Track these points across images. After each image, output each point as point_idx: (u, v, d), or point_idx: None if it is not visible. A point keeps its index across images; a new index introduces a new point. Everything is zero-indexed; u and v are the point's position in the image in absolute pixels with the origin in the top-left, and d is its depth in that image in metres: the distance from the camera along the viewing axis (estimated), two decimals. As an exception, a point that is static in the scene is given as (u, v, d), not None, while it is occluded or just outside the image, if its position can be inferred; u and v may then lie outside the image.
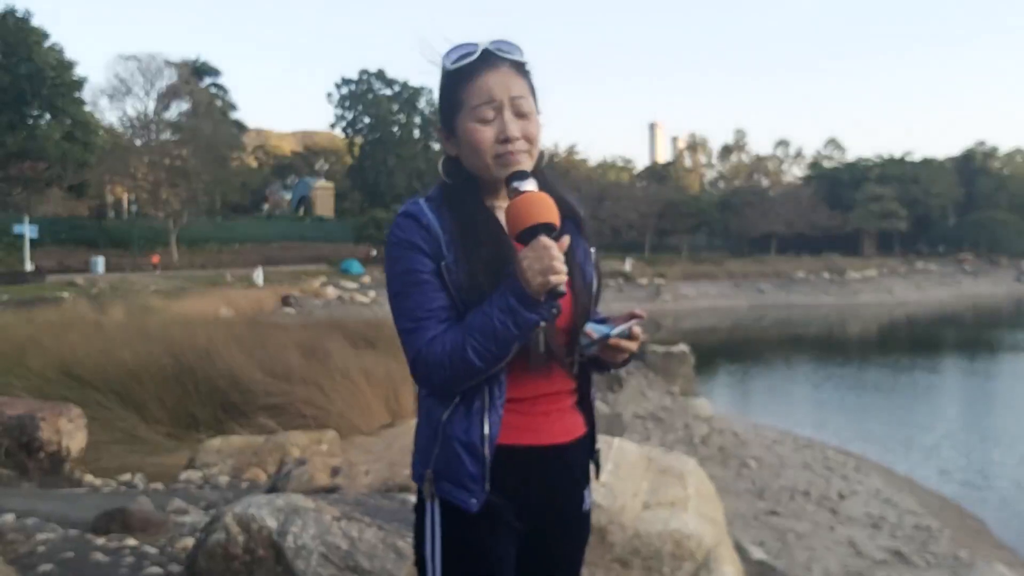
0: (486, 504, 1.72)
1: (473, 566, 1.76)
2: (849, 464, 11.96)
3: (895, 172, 74.35)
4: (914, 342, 32.77)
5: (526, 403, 1.77)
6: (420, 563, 1.81)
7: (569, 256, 1.78)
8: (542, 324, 1.65)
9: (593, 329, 1.75)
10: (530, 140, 1.77)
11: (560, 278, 1.62)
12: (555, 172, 1.95)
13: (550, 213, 1.66)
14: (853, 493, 10.34)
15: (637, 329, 1.75)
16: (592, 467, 1.92)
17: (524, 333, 1.64)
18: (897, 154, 79.35)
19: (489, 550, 1.75)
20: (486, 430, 1.71)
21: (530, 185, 1.70)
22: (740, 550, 5.89)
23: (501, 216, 1.77)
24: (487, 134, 1.75)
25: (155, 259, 46.41)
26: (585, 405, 1.89)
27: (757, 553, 6.39)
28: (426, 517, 1.78)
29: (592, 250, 1.91)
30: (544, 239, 1.63)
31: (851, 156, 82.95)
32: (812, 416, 17.03)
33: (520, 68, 1.80)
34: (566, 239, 1.68)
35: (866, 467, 11.97)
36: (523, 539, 1.82)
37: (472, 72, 1.76)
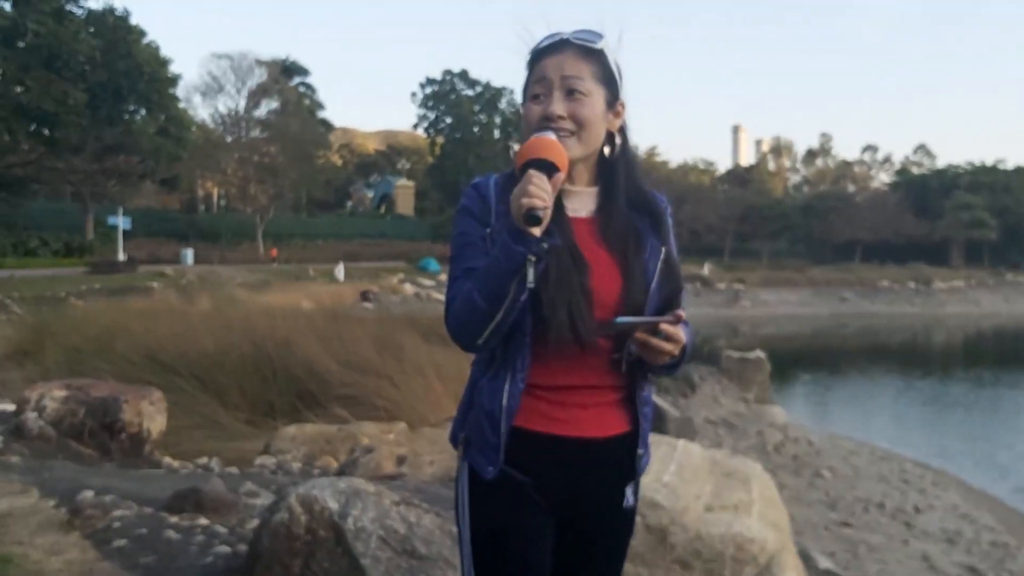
0: (502, 474, 1.76)
1: (492, 530, 1.80)
2: (927, 478, 11.64)
3: (986, 180, 71.92)
4: (1000, 356, 31.66)
5: (561, 392, 1.79)
6: (456, 522, 1.87)
7: (633, 248, 1.82)
8: (530, 258, 1.63)
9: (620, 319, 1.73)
10: (579, 121, 1.78)
11: (532, 201, 1.61)
12: (637, 163, 1.96)
13: (546, 151, 1.68)
14: (930, 507, 10.07)
15: (668, 328, 1.71)
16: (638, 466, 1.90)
17: (513, 266, 1.64)
18: (989, 161, 76.80)
19: (509, 517, 1.78)
20: (504, 402, 1.75)
21: (543, 135, 1.73)
22: (807, 559, 5.81)
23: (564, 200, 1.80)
24: (535, 111, 1.80)
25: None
26: (632, 402, 1.87)
27: (824, 562, 6.29)
28: (459, 479, 1.85)
29: (663, 250, 1.88)
30: (530, 171, 1.65)
31: (941, 163, 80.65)
32: (891, 428, 16.60)
33: (587, 52, 1.81)
34: (561, 176, 1.69)
35: (944, 481, 11.63)
36: (560, 531, 1.84)
37: (539, 56, 1.83)
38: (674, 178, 76.24)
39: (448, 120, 71.13)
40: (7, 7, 32.43)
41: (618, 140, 1.88)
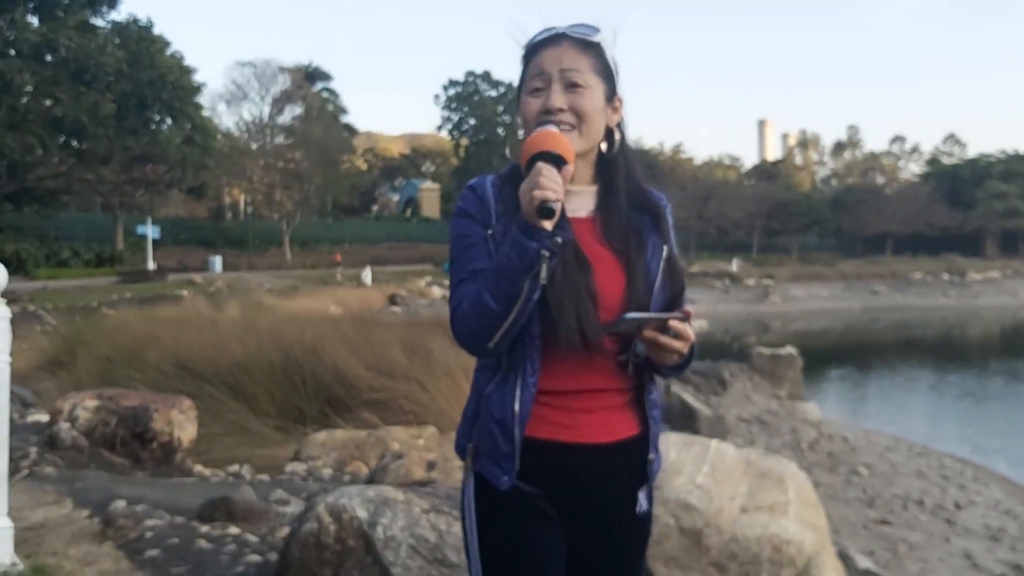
0: (515, 486, 1.71)
1: (505, 543, 1.74)
2: (967, 473, 11.44)
3: (1020, 168, 70.87)
4: (1040, 347, 31.17)
5: (565, 397, 1.74)
6: (464, 538, 1.82)
7: (635, 247, 1.77)
8: (544, 254, 1.59)
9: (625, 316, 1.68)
10: (579, 114, 1.75)
11: (544, 194, 1.57)
12: (636, 161, 1.89)
13: (553, 144, 1.64)
14: (971, 503, 9.89)
15: (677, 324, 1.66)
16: (649, 470, 1.84)
17: (526, 264, 1.60)
18: (1022, 149, 75.69)
19: (519, 529, 1.73)
20: (516, 408, 1.70)
21: (546, 128, 1.69)
22: (846, 559, 5.70)
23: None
24: (534, 106, 1.76)
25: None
26: (640, 405, 1.82)
27: (864, 562, 6.18)
28: (465, 492, 1.79)
29: (665, 248, 1.82)
30: (539, 164, 1.61)
31: (972, 152, 79.58)
32: (928, 423, 16.37)
33: (585, 45, 1.78)
34: (570, 168, 1.65)
35: (985, 477, 11.43)
36: (573, 539, 1.78)
37: (536, 50, 1.80)
38: (700, 175, 75.93)
39: (472, 122, 71.23)
40: (35, 23, 32.87)
41: (617, 136, 1.84)
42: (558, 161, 1.62)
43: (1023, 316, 44.33)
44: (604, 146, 1.82)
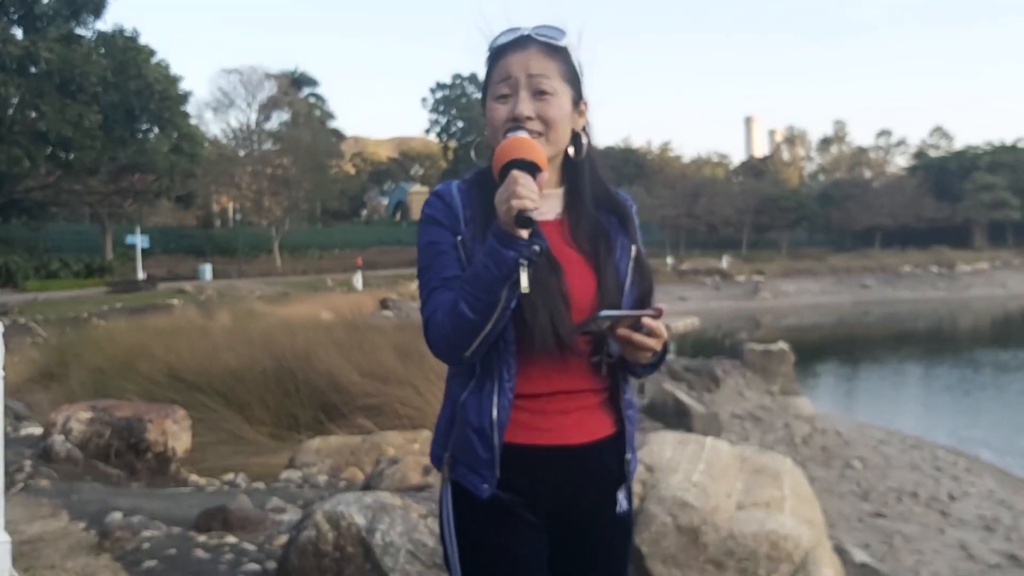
0: (495, 494, 1.70)
1: (486, 554, 1.73)
2: (960, 464, 11.50)
3: (1007, 159, 71.12)
4: (1030, 337, 31.29)
5: (541, 400, 1.73)
6: (444, 551, 1.81)
7: (604, 249, 1.77)
8: (522, 262, 1.58)
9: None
10: (546, 121, 1.73)
11: (522, 203, 1.56)
12: (601, 163, 1.89)
13: (527, 151, 1.63)
14: (964, 495, 9.94)
15: (651, 322, 1.66)
16: (627, 470, 1.84)
17: (504, 273, 1.59)
18: (1008, 140, 75.98)
19: (500, 539, 1.73)
20: (494, 415, 1.69)
21: (518, 135, 1.68)
22: (842, 553, 5.73)
23: None
24: (501, 112, 1.75)
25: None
26: (616, 404, 1.82)
27: (860, 556, 6.21)
28: (442, 504, 1.78)
29: (633, 247, 1.83)
30: (514, 171, 1.60)
31: (959, 144, 79.85)
32: (920, 415, 16.44)
33: (552, 50, 1.76)
34: (545, 175, 1.64)
35: (978, 468, 11.49)
36: (555, 543, 1.78)
37: (502, 53, 1.78)
38: (689, 173, 76.05)
39: (460, 124, 71.23)
40: (19, 35, 32.72)
41: (584, 140, 1.83)
42: (532, 168, 1.61)
43: (1013, 307, 44.52)
44: (571, 150, 1.82)
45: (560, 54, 1.77)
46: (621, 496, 1.84)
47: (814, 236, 73.26)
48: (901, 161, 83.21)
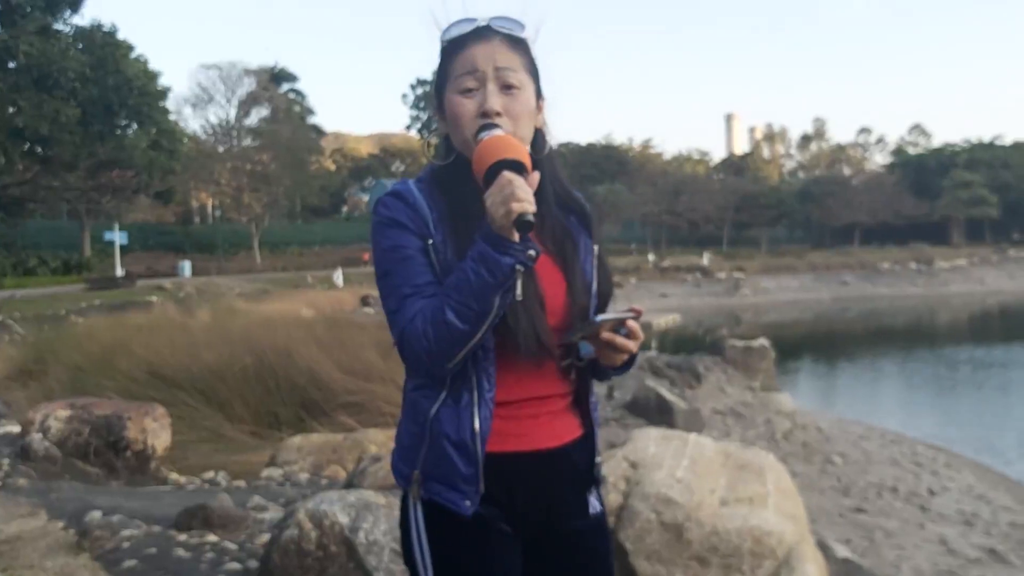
0: (476, 511, 1.64)
1: (467, 573, 1.67)
2: (940, 460, 11.58)
3: (984, 157, 71.84)
4: (1007, 333, 31.56)
5: (512, 406, 1.68)
6: (411, 570, 1.73)
7: (570, 250, 1.73)
8: (519, 268, 1.53)
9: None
10: (513, 117, 1.67)
11: (523, 206, 1.50)
12: (558, 163, 1.83)
13: (514, 151, 1.56)
14: (944, 490, 10.00)
15: (633, 324, 1.64)
16: (596, 473, 1.82)
17: (500, 281, 1.53)
18: (986, 138, 76.74)
19: (483, 555, 1.67)
20: (476, 426, 1.63)
21: (496, 133, 1.61)
22: (824, 548, 5.74)
23: None
24: (468, 107, 1.67)
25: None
26: (582, 407, 1.80)
27: (842, 551, 6.22)
28: (410, 523, 1.70)
29: (596, 248, 1.80)
30: (505, 173, 1.53)
31: (937, 142, 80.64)
32: (900, 411, 16.55)
33: (515, 43, 1.71)
34: (535, 175, 1.58)
35: (958, 463, 11.57)
36: (531, 552, 1.74)
37: (462, 44, 1.70)
38: (670, 169, 76.26)
39: (441, 120, 71.18)
40: (-3, 29, 32.42)
41: (547, 138, 1.79)
42: (521, 168, 1.55)
43: (991, 303, 44.97)
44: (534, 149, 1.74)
45: (522, 46, 1.72)
46: (592, 498, 1.81)
47: (794, 233, 73.73)
48: (880, 158, 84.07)
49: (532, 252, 1.55)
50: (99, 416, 6.41)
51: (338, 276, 39.92)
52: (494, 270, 1.53)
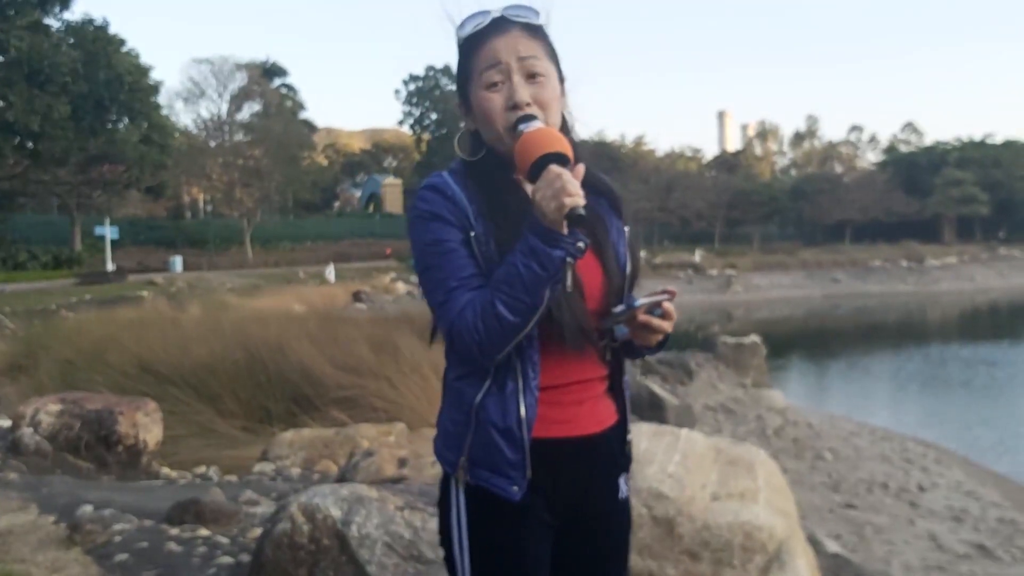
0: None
1: (503, 557, 1.69)
2: (929, 456, 11.63)
3: (975, 155, 72.02)
4: (997, 330, 31.71)
5: (557, 391, 1.70)
6: (448, 556, 1.75)
7: (602, 233, 1.74)
8: (569, 260, 1.55)
9: (619, 307, 1.68)
10: (542, 105, 1.68)
11: (574, 200, 1.51)
12: (584, 148, 1.83)
13: (558, 143, 1.58)
14: (934, 486, 10.05)
15: (669, 306, 1.67)
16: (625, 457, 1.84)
17: (551, 273, 1.54)
18: (977, 136, 76.94)
19: (521, 542, 1.69)
20: (523, 413, 1.64)
21: (536, 125, 1.62)
22: (815, 543, 5.77)
23: (528, 191, 1.67)
24: (496, 101, 1.68)
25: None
26: (617, 391, 1.82)
27: (832, 546, 6.26)
28: (451, 506, 1.72)
29: (626, 229, 1.82)
30: (553, 167, 1.54)
31: (929, 140, 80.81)
32: (890, 407, 16.62)
33: (534, 30, 1.72)
34: (581, 167, 1.59)
35: (947, 459, 11.63)
36: (560, 535, 1.75)
37: (482, 38, 1.71)
38: (662, 166, 76.25)
39: (434, 116, 71.03)
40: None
41: (571, 123, 1.80)
42: (565, 161, 1.56)
43: (981, 301, 45.15)
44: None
45: (540, 33, 1.73)
46: (622, 482, 1.83)
47: (785, 230, 73.81)
48: (871, 156, 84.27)
49: (581, 244, 1.56)
50: (90, 410, 6.41)
51: (330, 272, 39.87)
52: (545, 263, 1.54)
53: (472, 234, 1.65)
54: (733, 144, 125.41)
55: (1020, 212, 73.17)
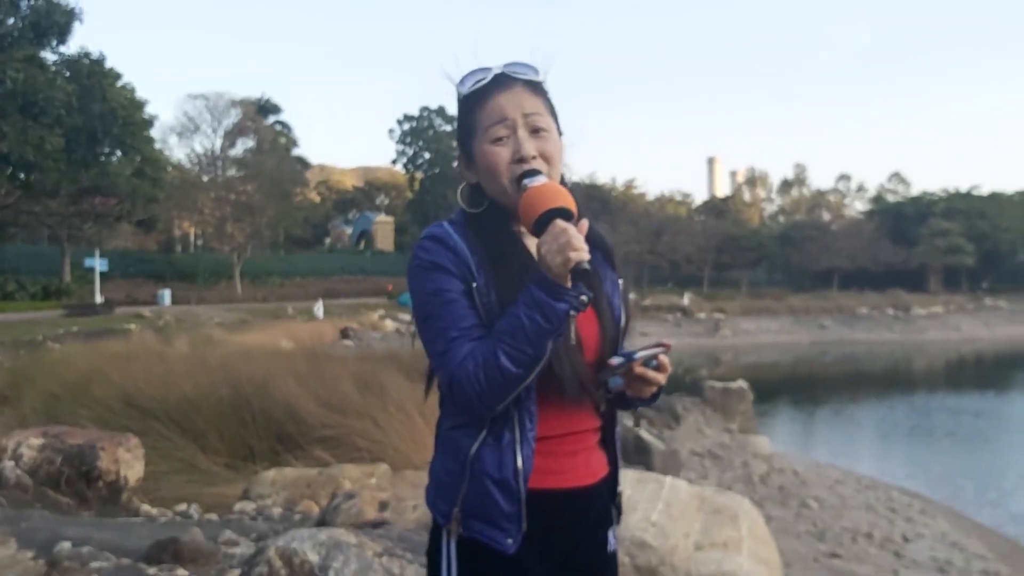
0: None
1: None
2: (914, 506, 11.62)
3: (961, 206, 72.73)
4: (982, 380, 31.81)
5: (552, 442, 1.70)
6: None
7: (597, 285, 1.74)
8: (572, 314, 1.57)
9: (616, 359, 1.70)
10: (547, 159, 1.71)
11: (580, 255, 1.54)
12: (582, 196, 1.84)
13: (563, 198, 1.61)
14: (918, 536, 10.03)
15: (664, 358, 1.68)
16: (614, 510, 1.84)
17: (555, 326, 1.56)
18: (963, 188, 77.77)
19: None
20: (519, 464, 1.64)
21: (542, 180, 1.66)
22: (797, 593, 5.75)
23: (529, 243, 1.72)
24: (502, 155, 1.70)
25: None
26: (609, 443, 1.82)
27: (815, 597, 6.23)
28: (442, 559, 1.71)
29: (620, 281, 1.85)
30: (559, 221, 1.57)
31: (915, 190, 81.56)
32: (876, 456, 16.62)
33: (535, 87, 1.76)
34: (584, 223, 1.62)
35: (932, 509, 11.61)
36: None
37: (485, 95, 1.74)
38: (652, 210, 76.70)
39: (427, 156, 71.38)
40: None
41: (567, 176, 1.82)
42: (569, 216, 1.60)
43: (966, 351, 45.31)
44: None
45: (540, 89, 1.76)
46: (611, 535, 1.84)
47: (773, 276, 74.20)
48: (859, 205, 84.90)
49: (584, 297, 1.58)
50: (72, 445, 6.36)
51: (318, 308, 39.76)
52: (549, 315, 1.56)
53: (474, 285, 1.66)
54: (722, 190, 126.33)
55: (1005, 263, 73.87)
